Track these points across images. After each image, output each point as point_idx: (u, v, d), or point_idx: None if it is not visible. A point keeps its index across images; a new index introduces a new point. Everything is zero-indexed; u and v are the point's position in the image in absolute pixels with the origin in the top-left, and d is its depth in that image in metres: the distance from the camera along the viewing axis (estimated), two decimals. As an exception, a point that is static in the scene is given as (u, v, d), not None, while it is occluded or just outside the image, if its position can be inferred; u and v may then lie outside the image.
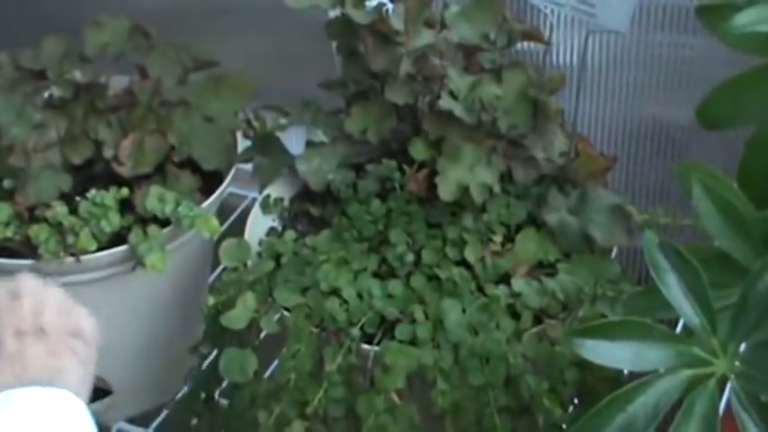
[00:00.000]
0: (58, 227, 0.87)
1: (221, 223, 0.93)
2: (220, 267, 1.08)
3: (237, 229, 0.94)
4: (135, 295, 0.92)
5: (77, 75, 0.97)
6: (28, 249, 0.88)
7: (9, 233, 0.88)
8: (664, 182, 1.11)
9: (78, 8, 1.09)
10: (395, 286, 0.82)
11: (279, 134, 0.96)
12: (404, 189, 0.88)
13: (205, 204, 0.92)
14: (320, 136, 0.93)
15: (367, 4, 0.90)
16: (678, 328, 0.72)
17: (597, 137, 1.08)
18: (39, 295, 0.74)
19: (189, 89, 0.98)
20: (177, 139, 0.93)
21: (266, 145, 0.96)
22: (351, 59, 0.94)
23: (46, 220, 0.88)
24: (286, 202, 0.93)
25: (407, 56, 0.88)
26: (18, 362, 0.70)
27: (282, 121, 0.93)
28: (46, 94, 0.96)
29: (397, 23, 0.88)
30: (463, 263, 0.84)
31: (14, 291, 0.74)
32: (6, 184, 0.91)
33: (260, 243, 0.89)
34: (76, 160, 0.92)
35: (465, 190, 0.84)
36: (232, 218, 1.16)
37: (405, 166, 0.88)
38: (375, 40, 0.88)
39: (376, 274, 0.84)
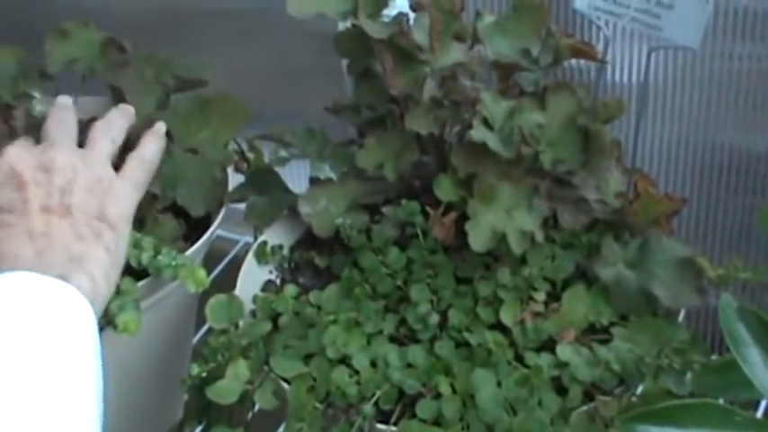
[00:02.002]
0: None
1: (207, 273, 0.94)
2: (205, 327, 1.10)
3: (227, 280, 0.95)
4: (105, 360, 0.93)
5: (36, 95, 0.99)
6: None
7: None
8: (743, 226, 1.11)
9: (41, 14, 1.12)
10: (416, 353, 0.83)
11: (278, 169, 0.98)
12: (427, 236, 0.89)
13: (189, 252, 0.93)
14: (327, 172, 0.94)
15: (384, 13, 0.92)
16: (760, 411, 0.72)
17: (661, 174, 1.09)
18: (70, 172, 0.85)
19: (171, 115, 0.99)
20: (159, 187, 0.94)
21: (262, 182, 0.97)
22: (364, 80, 0.96)
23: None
24: (286, 251, 0.95)
25: (433, 76, 0.90)
26: (41, 239, 0.80)
27: (282, 153, 0.94)
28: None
29: (420, 37, 0.90)
30: (498, 326, 0.85)
31: (46, 163, 0.85)
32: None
33: (254, 300, 0.90)
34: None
35: (501, 238, 0.85)
36: (220, 267, 1.18)
37: (428, 209, 0.89)
38: (394, 58, 0.89)
39: (393, 339, 0.85)
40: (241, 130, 1.02)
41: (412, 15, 0.92)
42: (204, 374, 0.85)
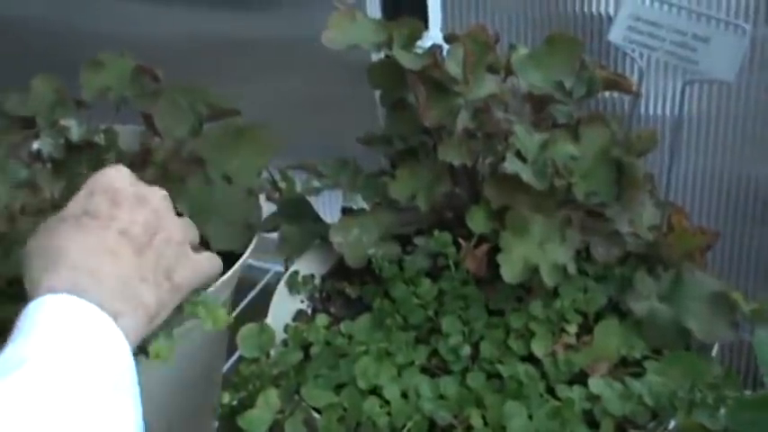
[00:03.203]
0: (45, 305, 0.90)
1: (238, 302, 0.95)
2: (236, 355, 1.11)
3: (257, 309, 0.96)
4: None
5: (72, 123, 1.01)
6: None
7: (-16, 312, 0.91)
8: (777, 262, 1.12)
9: (76, 44, 1.14)
10: (447, 385, 0.84)
11: (310, 199, 0.99)
12: (459, 267, 0.90)
13: (220, 282, 0.93)
14: (359, 202, 0.95)
15: (418, 45, 0.94)
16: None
17: (695, 207, 1.10)
18: (161, 218, 0.84)
19: (203, 142, 1.01)
20: (188, 210, 0.95)
21: (295, 211, 0.98)
22: (397, 111, 0.97)
23: (29, 296, 0.91)
24: (317, 280, 0.96)
25: (466, 108, 0.91)
26: (106, 257, 0.79)
27: (315, 183, 0.96)
28: (34, 146, 1.00)
29: (453, 69, 0.91)
30: (530, 358, 0.85)
31: (143, 197, 0.84)
32: (-15, 251, 0.94)
33: (285, 329, 0.91)
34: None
35: (533, 270, 0.86)
36: (251, 296, 1.19)
37: (460, 240, 0.90)
38: (427, 89, 0.90)
39: (425, 370, 0.86)
40: (273, 159, 1.03)
41: (445, 47, 0.94)
42: (235, 403, 0.86)
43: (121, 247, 0.81)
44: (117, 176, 0.84)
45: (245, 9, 1.23)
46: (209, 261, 0.88)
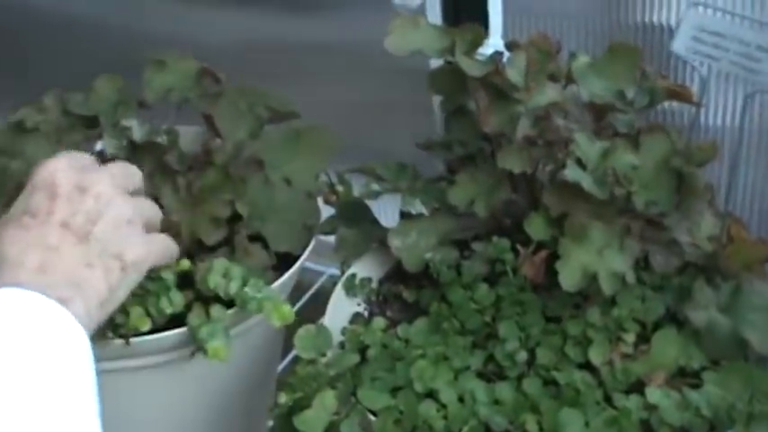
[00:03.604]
0: (105, 302, 0.92)
1: (292, 304, 0.96)
2: (291, 355, 1.12)
3: (310, 311, 0.97)
4: (191, 386, 0.96)
5: (134, 124, 1.02)
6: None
7: (49, 308, 0.92)
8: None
9: (136, 46, 1.15)
10: (503, 390, 0.84)
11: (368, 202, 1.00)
12: (517, 274, 0.90)
13: (277, 283, 0.95)
14: (418, 206, 0.96)
15: (479, 52, 0.94)
16: None
17: (754, 218, 1.09)
18: (104, 203, 0.84)
19: (263, 145, 1.02)
20: (248, 211, 0.97)
21: (353, 214, 0.99)
22: (457, 117, 0.98)
23: (92, 293, 0.92)
24: (374, 284, 0.97)
25: (526, 115, 0.91)
26: (49, 253, 0.80)
27: (375, 186, 0.96)
28: (97, 146, 1.02)
29: (514, 76, 0.92)
30: (587, 366, 0.85)
31: (85, 185, 0.84)
32: (48, 248, 0.95)
33: (343, 331, 0.91)
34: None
35: (592, 278, 0.86)
36: (305, 298, 1.20)
37: (518, 247, 0.91)
38: (488, 96, 0.91)
39: (481, 375, 0.86)
40: (330, 162, 1.04)
41: (506, 54, 0.95)
42: (291, 404, 0.87)
43: (64, 239, 0.82)
44: (57, 168, 0.85)
45: (303, 13, 1.24)
46: (163, 240, 0.90)
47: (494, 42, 0.97)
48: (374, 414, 0.84)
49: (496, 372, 0.87)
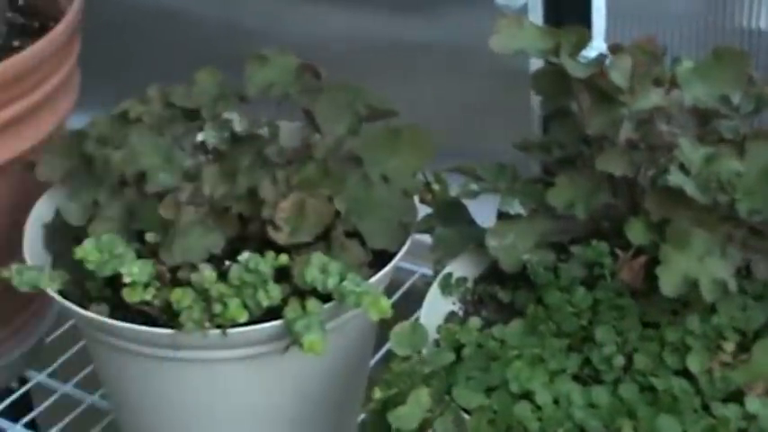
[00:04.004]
0: (203, 293, 0.93)
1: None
2: (381, 351, 1.13)
3: (401, 309, 0.97)
4: (285, 378, 0.97)
5: (234, 116, 1.04)
6: (168, 316, 0.93)
7: (148, 296, 0.94)
8: None
9: (237, 41, 1.17)
10: (599, 394, 0.84)
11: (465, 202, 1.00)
12: (615, 278, 0.90)
13: (374, 279, 0.96)
14: (516, 207, 0.96)
15: (582, 54, 0.94)
16: None
17: None
18: None
19: (361, 142, 1.03)
20: (345, 207, 0.98)
21: (450, 214, 0.99)
22: (558, 119, 0.97)
23: (190, 284, 0.94)
24: (470, 283, 0.97)
25: (630, 119, 0.91)
26: None
27: (473, 186, 0.97)
28: (199, 138, 1.03)
29: (618, 79, 0.91)
30: (684, 373, 0.85)
31: None
32: (149, 237, 0.97)
33: (438, 330, 0.92)
34: (232, 219, 0.98)
35: (692, 285, 0.86)
36: (396, 296, 1.21)
37: (617, 251, 0.90)
38: (592, 98, 0.91)
39: (577, 378, 0.86)
40: (426, 161, 1.05)
41: (609, 57, 0.94)
42: (385, 399, 0.87)
43: None
44: None
45: (405, 12, 1.25)
46: None
47: (597, 45, 0.97)
48: (468, 413, 0.84)
49: (592, 375, 0.86)
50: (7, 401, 1.20)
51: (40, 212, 1.06)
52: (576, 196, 0.93)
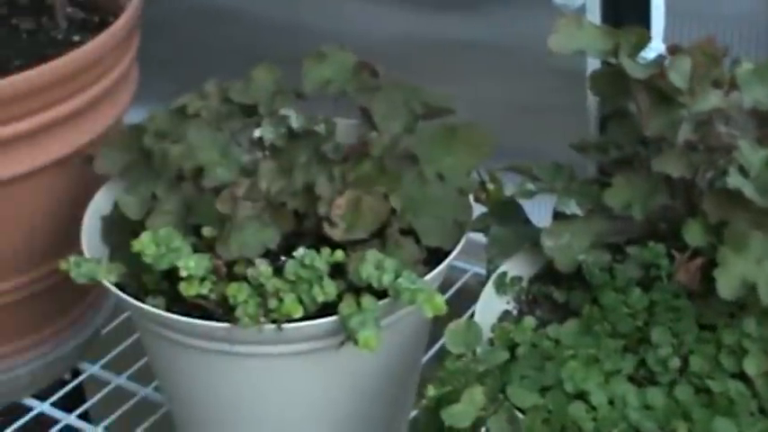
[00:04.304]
0: (259, 288, 0.94)
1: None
2: (434, 349, 1.13)
3: (453, 308, 0.98)
4: (339, 374, 0.98)
5: (291, 113, 1.05)
6: (223, 310, 0.94)
7: (204, 290, 0.95)
8: None
9: (295, 38, 1.18)
10: (655, 395, 0.84)
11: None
12: (671, 279, 0.90)
13: (428, 277, 0.96)
14: (573, 207, 0.96)
15: (641, 55, 0.94)
16: None
17: None
18: None
19: (417, 139, 1.03)
20: (401, 204, 0.98)
21: (506, 213, 1.00)
22: (616, 119, 0.98)
23: (246, 278, 0.95)
24: (524, 283, 0.97)
25: (689, 120, 0.91)
26: None
27: (530, 186, 0.97)
28: (256, 134, 1.04)
29: (677, 80, 0.91)
30: (741, 376, 0.85)
31: None
32: (206, 232, 0.98)
33: (492, 328, 0.92)
34: (288, 215, 0.99)
35: (750, 288, 0.85)
36: (449, 294, 1.21)
37: (674, 252, 0.90)
38: (651, 99, 0.91)
39: (632, 379, 0.86)
40: (483, 160, 1.05)
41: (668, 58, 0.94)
42: (439, 396, 0.88)
43: None
44: None
45: (461, 10, 1.25)
46: None
47: (656, 45, 0.97)
48: (522, 412, 0.85)
49: (647, 377, 0.86)
50: (61, 392, 1.22)
51: (99, 205, 1.07)
52: (634, 197, 0.93)
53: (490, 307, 0.95)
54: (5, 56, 1.14)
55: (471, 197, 1.04)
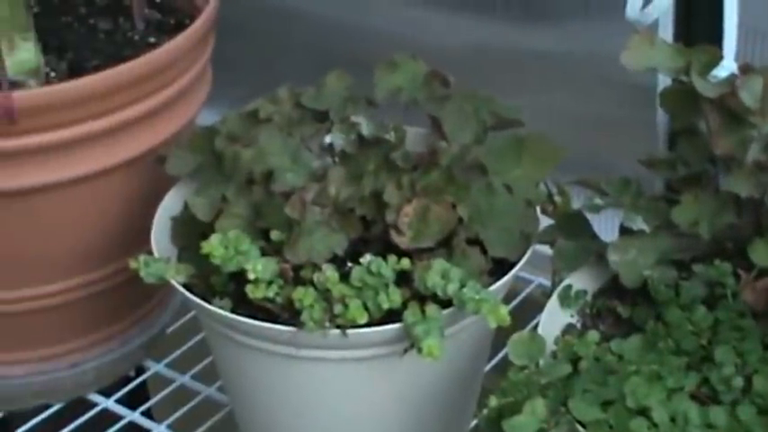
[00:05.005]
0: (325, 293, 0.96)
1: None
2: (497, 358, 1.14)
3: (517, 317, 0.99)
4: (401, 381, 0.99)
5: (361, 120, 1.06)
6: (289, 314, 0.96)
7: (270, 293, 0.97)
8: None
9: (367, 45, 1.19)
10: (717, 414, 0.84)
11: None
12: (737, 299, 0.90)
13: (493, 288, 0.97)
14: (640, 223, 0.97)
15: (713, 74, 0.95)
16: None
17: None
18: None
19: (486, 150, 1.05)
20: (468, 214, 1.00)
21: (572, 226, 1.01)
22: (685, 137, 0.98)
23: (312, 283, 0.97)
24: (589, 296, 0.98)
25: (759, 140, 0.91)
26: None
27: (597, 201, 0.98)
28: (326, 140, 1.06)
29: (749, 100, 0.92)
30: (804, 398, 0.86)
31: None
32: (274, 236, 1.00)
33: (555, 341, 0.93)
34: (355, 221, 1.00)
35: (817, 310, 0.86)
36: (513, 304, 1.22)
37: (740, 271, 0.91)
38: (721, 118, 0.92)
39: (694, 397, 0.87)
40: (551, 172, 1.06)
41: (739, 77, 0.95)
42: (500, 407, 0.89)
43: None
44: None
45: (534, 22, 1.26)
46: None
47: (728, 64, 0.98)
48: (583, 426, 0.86)
49: (710, 395, 0.87)
50: (125, 389, 1.24)
51: (169, 206, 1.09)
52: (701, 215, 0.94)
53: (554, 320, 0.96)
54: (83, 56, 1.17)
55: (538, 209, 1.05)
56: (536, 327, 0.94)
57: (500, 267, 1.01)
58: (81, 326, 1.20)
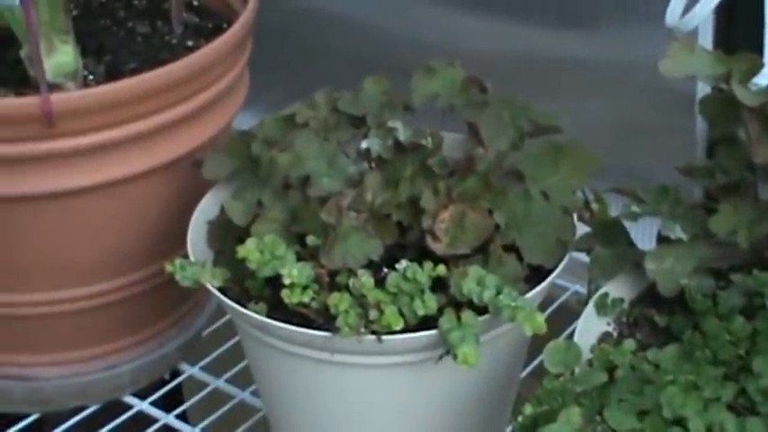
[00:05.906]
0: (360, 298, 0.96)
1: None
2: (532, 365, 1.15)
3: (552, 324, 0.99)
4: (435, 388, 0.99)
5: (398, 125, 1.07)
6: (324, 319, 0.97)
7: (306, 298, 0.97)
8: None
9: (403, 50, 1.20)
10: (754, 425, 0.84)
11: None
12: (775, 309, 0.91)
13: (529, 295, 0.98)
14: (677, 232, 0.97)
15: (753, 82, 0.95)
16: None
17: None
18: None
19: (523, 157, 1.05)
20: (505, 221, 1.00)
21: (609, 234, 1.01)
22: (724, 145, 0.98)
23: (348, 288, 0.97)
24: (625, 305, 0.98)
25: (799, 149, 0.92)
26: None
27: (635, 208, 0.98)
28: (363, 145, 1.06)
29: (789, 108, 0.92)
30: (843, 411, 0.85)
31: None
32: (310, 241, 1.01)
33: (591, 349, 0.93)
34: (391, 227, 1.01)
35: None
36: (548, 311, 1.23)
37: (779, 281, 0.91)
38: (761, 126, 0.92)
39: (731, 407, 0.87)
40: (588, 179, 1.06)
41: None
42: (535, 415, 0.89)
43: None
44: None
45: (570, 27, 1.26)
46: None
47: (766, 73, 0.97)
48: (618, 435, 0.86)
49: (747, 406, 0.87)
50: (160, 392, 1.25)
51: (205, 209, 1.10)
52: (739, 224, 0.94)
53: (590, 328, 0.96)
54: (121, 59, 1.18)
55: (575, 216, 1.06)
56: (572, 334, 0.94)
57: (536, 274, 1.01)
58: (117, 328, 1.21)
